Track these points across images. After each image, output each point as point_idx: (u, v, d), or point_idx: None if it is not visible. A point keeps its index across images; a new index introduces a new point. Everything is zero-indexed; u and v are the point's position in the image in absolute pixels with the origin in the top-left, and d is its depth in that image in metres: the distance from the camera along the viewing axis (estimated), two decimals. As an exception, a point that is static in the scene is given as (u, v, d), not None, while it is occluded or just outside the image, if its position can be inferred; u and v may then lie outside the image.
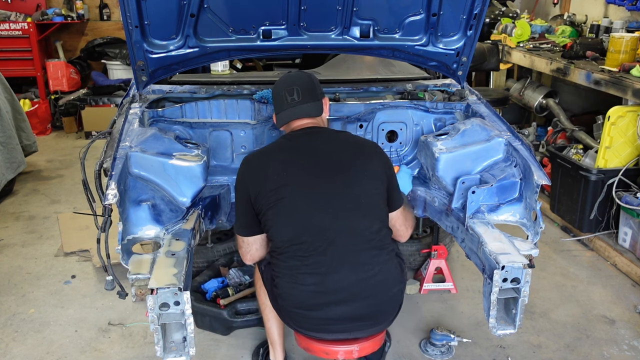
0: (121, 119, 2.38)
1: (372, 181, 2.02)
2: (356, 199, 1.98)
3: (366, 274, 1.94)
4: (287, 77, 2.18)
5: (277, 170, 1.99)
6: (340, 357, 2.00)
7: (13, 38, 6.17)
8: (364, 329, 2.00)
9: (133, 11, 2.19)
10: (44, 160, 5.34)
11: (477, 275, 3.24)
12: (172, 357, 1.79)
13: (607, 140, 3.48)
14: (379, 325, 2.04)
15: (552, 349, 2.75)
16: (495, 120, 2.46)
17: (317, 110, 2.13)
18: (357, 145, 2.11)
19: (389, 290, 2.01)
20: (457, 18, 2.49)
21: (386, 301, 2.01)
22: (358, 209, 1.97)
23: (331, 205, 1.95)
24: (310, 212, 1.94)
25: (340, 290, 1.92)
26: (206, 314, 2.73)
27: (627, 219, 3.48)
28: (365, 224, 1.97)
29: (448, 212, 2.32)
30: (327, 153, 2.04)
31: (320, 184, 1.98)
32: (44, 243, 3.75)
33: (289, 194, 1.95)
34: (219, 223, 2.45)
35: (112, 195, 1.81)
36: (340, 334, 1.99)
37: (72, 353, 2.68)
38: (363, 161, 2.04)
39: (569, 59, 3.99)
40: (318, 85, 2.19)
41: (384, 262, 1.99)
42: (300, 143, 2.07)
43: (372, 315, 1.99)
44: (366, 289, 1.94)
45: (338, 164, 2.01)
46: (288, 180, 1.97)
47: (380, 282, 1.97)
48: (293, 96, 2.08)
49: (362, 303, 1.95)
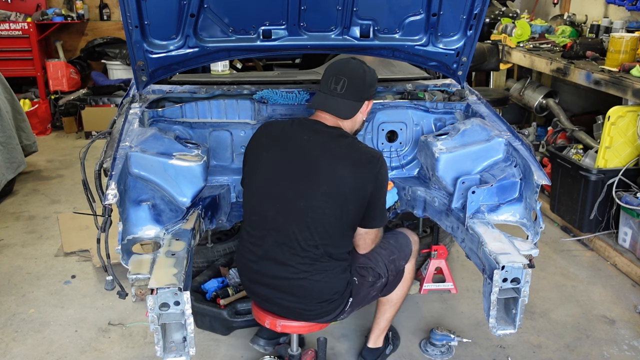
0: (121, 119, 2.38)
1: (330, 201, 1.95)
2: (304, 210, 1.97)
3: (291, 275, 2.00)
4: (346, 63, 2.08)
5: (266, 146, 2.09)
6: (267, 324, 2.16)
7: (13, 38, 6.17)
8: (287, 317, 2.11)
9: (133, 11, 2.19)
10: (44, 160, 5.34)
11: (477, 275, 3.24)
12: (172, 357, 1.79)
13: (607, 140, 3.48)
14: (301, 320, 2.10)
15: (552, 349, 2.75)
16: (495, 120, 2.46)
17: (349, 111, 2.05)
18: (342, 159, 1.99)
19: (314, 298, 2.03)
20: (457, 18, 2.49)
21: (309, 305, 2.05)
22: (302, 220, 1.97)
23: (281, 204, 2.00)
24: (264, 199, 2.05)
25: (268, 276, 2.05)
26: (206, 314, 2.73)
27: (627, 219, 3.48)
28: (304, 236, 1.97)
29: (448, 212, 2.33)
30: (308, 156, 2.01)
31: (284, 180, 2.01)
32: (44, 243, 3.75)
33: (259, 174, 2.07)
34: (219, 223, 2.45)
35: (112, 195, 1.81)
36: (269, 309, 2.14)
37: (72, 353, 2.68)
38: (333, 178, 1.96)
39: (569, 59, 3.99)
40: (370, 85, 2.09)
41: (314, 272, 2.00)
42: (298, 134, 2.05)
43: (292, 309, 2.08)
44: (288, 287, 2.03)
45: (307, 171, 1.99)
46: (265, 161, 2.06)
47: (302, 287, 2.01)
48: (337, 85, 2.02)
49: (284, 296, 2.05)
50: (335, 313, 2.10)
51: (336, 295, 2.06)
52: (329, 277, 2.03)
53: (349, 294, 2.10)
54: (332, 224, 1.98)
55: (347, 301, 2.10)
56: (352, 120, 2.10)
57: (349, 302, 2.11)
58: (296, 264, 1.99)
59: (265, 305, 2.14)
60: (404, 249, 2.35)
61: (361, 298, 2.17)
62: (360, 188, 1.98)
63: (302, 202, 1.97)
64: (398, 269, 2.32)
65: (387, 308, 2.44)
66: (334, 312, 2.10)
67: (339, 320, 2.19)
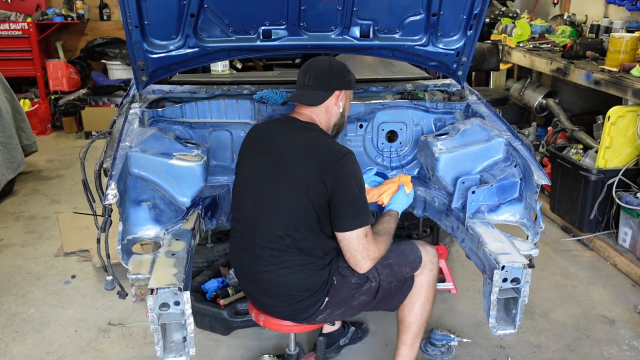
0: (121, 119, 2.38)
1: (292, 190, 1.98)
2: (271, 199, 2.03)
3: (260, 268, 2.04)
4: (314, 59, 2.18)
5: (248, 146, 2.19)
6: (253, 317, 2.22)
7: (13, 38, 6.17)
8: (265, 311, 2.14)
9: (133, 11, 2.19)
10: (44, 160, 5.34)
11: (477, 275, 3.24)
12: (172, 357, 1.79)
13: (607, 140, 3.48)
14: (274, 316, 2.12)
15: (552, 349, 2.75)
16: (495, 120, 2.46)
17: (316, 99, 2.11)
18: (307, 151, 2.02)
19: (279, 293, 2.04)
20: (457, 18, 2.49)
21: (275, 300, 2.06)
22: (270, 209, 2.03)
23: (254, 195, 2.08)
24: (242, 194, 2.13)
25: (246, 270, 2.12)
26: (206, 314, 2.73)
27: (627, 219, 3.48)
28: (271, 226, 2.01)
29: (448, 212, 2.33)
30: (278, 149, 2.07)
31: (258, 174, 2.08)
32: (44, 243, 3.75)
33: (241, 172, 2.17)
34: (219, 223, 2.45)
35: (112, 195, 1.81)
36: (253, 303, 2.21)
37: (72, 353, 2.68)
38: (296, 168, 2.00)
39: (569, 59, 3.99)
40: (338, 74, 2.14)
41: (280, 265, 1.99)
42: (273, 131, 2.15)
43: (265, 303, 2.11)
44: (258, 280, 2.08)
45: (276, 162, 2.05)
46: (245, 160, 2.16)
47: (269, 280, 2.03)
48: (305, 79, 2.12)
49: (257, 289, 2.11)
50: (309, 312, 2.04)
51: (307, 293, 2.00)
52: (298, 273, 1.99)
53: (325, 293, 2.02)
54: (296, 215, 1.98)
55: (322, 300, 2.03)
56: (325, 111, 2.13)
57: (324, 302, 2.03)
58: (266, 256, 2.01)
59: (251, 300, 2.22)
60: (407, 255, 2.16)
61: (342, 300, 2.06)
62: (320, 181, 1.94)
63: (270, 192, 2.03)
64: (398, 276, 2.12)
65: (403, 328, 2.25)
66: (307, 310, 2.03)
67: (325, 322, 2.15)
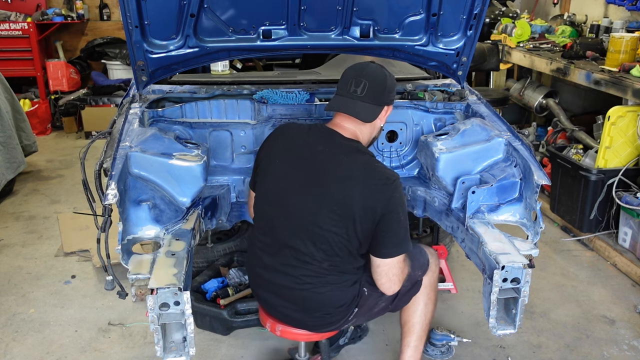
0: (121, 119, 2.38)
1: (337, 220, 1.87)
2: (310, 226, 1.90)
3: (294, 285, 1.96)
4: (366, 66, 1.99)
5: (281, 151, 2.02)
6: (268, 327, 2.14)
7: (13, 38, 6.16)
8: (287, 323, 2.08)
9: (133, 11, 2.19)
10: (44, 160, 5.34)
11: (477, 275, 3.24)
12: (172, 357, 1.79)
13: (607, 140, 3.48)
14: (303, 329, 2.07)
15: (552, 349, 2.75)
16: (495, 120, 2.46)
17: (370, 114, 1.96)
18: (354, 178, 1.89)
19: (316, 310, 1.99)
20: (457, 18, 2.49)
21: (311, 316, 2.01)
22: (308, 235, 1.90)
23: (289, 215, 1.94)
24: (273, 206, 2.00)
25: (274, 284, 2.02)
26: (206, 314, 2.73)
27: (627, 219, 3.48)
28: (309, 250, 1.91)
29: (448, 212, 2.32)
30: (321, 169, 1.92)
31: (294, 191, 1.94)
32: (44, 243, 3.75)
33: (271, 179, 2.02)
34: (219, 223, 2.45)
35: (112, 195, 1.81)
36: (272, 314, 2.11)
37: (72, 353, 2.68)
38: (343, 197, 1.87)
39: (569, 59, 3.99)
40: (390, 90, 2.01)
41: (318, 284, 1.93)
42: (314, 143, 1.97)
43: (294, 319, 2.04)
44: (291, 296, 1.99)
45: (318, 186, 1.90)
46: (278, 167, 2.01)
47: (305, 298, 1.96)
48: (357, 88, 1.93)
49: (288, 305, 2.02)
50: (338, 324, 2.05)
51: (342, 308, 1.99)
52: (335, 290, 1.95)
53: (355, 304, 2.02)
54: (338, 243, 1.89)
55: (352, 312, 2.03)
56: (372, 126, 2.02)
57: (353, 312, 2.04)
58: (300, 276, 1.93)
59: (270, 311, 2.11)
60: (418, 259, 2.17)
61: (368, 308, 2.07)
62: (370, 211, 1.85)
63: (310, 217, 1.89)
64: (412, 280, 2.13)
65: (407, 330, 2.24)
66: (337, 323, 2.04)
67: (342, 329, 2.14)
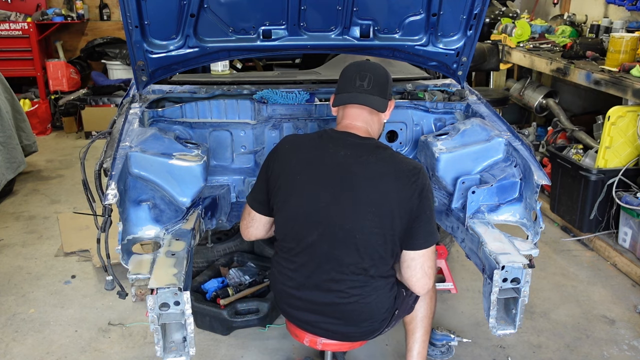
0: (121, 119, 2.38)
1: (377, 219, 1.84)
2: (351, 233, 1.85)
3: (340, 300, 1.91)
4: (365, 63, 2.02)
5: (298, 168, 1.93)
6: (306, 342, 2.06)
7: (13, 38, 6.16)
8: (333, 339, 2.02)
9: (133, 11, 2.19)
10: (44, 160, 5.34)
11: (477, 275, 3.24)
12: (172, 357, 1.79)
13: (607, 140, 3.49)
14: (348, 341, 2.04)
15: (552, 349, 2.75)
16: (495, 120, 2.46)
17: (382, 105, 1.95)
18: (384, 174, 1.87)
19: (365, 320, 1.96)
20: (457, 18, 2.49)
21: (360, 327, 1.97)
22: (350, 243, 1.85)
23: (325, 228, 1.87)
24: (304, 224, 1.90)
25: (313, 303, 1.95)
26: (206, 314, 2.73)
27: (627, 219, 3.48)
28: (353, 259, 1.86)
29: (448, 212, 2.32)
30: (348, 174, 1.87)
31: (325, 202, 1.87)
32: (44, 243, 3.75)
33: (295, 198, 1.92)
34: (219, 223, 2.45)
35: (112, 195, 1.81)
36: (312, 332, 2.03)
37: (72, 353, 2.68)
38: (378, 196, 1.85)
39: (569, 59, 3.99)
40: (391, 84, 2.04)
41: (365, 294, 1.90)
42: (332, 150, 1.92)
43: (341, 333, 1.99)
44: (337, 312, 1.94)
45: (349, 191, 1.86)
46: (300, 185, 1.91)
47: (354, 310, 1.92)
48: (363, 82, 1.93)
49: (332, 321, 1.96)
50: (382, 330, 2.03)
51: (387, 313, 1.97)
52: (380, 297, 1.93)
53: (397, 307, 2.01)
54: (381, 243, 1.86)
55: (394, 313, 2.02)
56: (379, 121, 2.02)
57: (395, 314, 2.03)
58: (346, 289, 1.88)
59: (308, 329, 2.02)
60: None
61: (405, 308, 2.09)
62: (406, 202, 1.84)
63: (348, 225, 1.84)
64: None
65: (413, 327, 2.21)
66: (381, 328, 2.01)
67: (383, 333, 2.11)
